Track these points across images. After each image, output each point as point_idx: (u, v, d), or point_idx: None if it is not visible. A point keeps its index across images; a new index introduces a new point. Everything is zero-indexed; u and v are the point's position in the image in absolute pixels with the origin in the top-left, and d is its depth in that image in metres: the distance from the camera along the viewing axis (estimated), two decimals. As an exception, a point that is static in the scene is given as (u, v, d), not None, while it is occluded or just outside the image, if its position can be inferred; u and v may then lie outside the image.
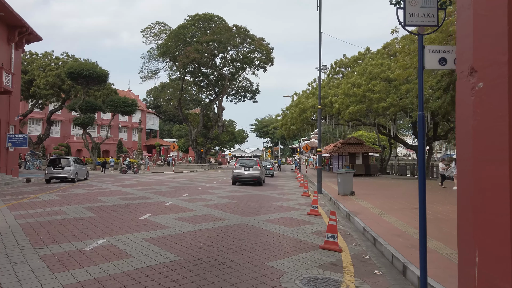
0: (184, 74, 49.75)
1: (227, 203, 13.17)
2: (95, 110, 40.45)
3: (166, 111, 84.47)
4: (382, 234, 7.53)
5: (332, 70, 33.08)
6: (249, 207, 12.17)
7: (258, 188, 19.67)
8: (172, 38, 45.00)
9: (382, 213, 10.32)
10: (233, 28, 44.42)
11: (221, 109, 50.55)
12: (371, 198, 14.19)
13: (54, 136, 60.32)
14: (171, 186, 19.65)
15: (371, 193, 16.22)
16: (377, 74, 25.64)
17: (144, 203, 12.58)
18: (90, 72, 36.71)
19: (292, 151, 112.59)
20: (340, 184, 15.42)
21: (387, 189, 19.29)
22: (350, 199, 13.81)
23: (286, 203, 13.61)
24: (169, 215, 10.24)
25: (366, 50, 30.42)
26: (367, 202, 13.00)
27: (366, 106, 25.69)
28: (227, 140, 52.89)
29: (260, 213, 11.04)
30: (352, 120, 28.43)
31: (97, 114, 63.01)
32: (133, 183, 21.57)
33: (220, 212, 10.97)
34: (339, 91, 27.37)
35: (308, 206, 12.71)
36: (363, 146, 34.25)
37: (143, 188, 18.53)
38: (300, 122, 29.90)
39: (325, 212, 11.50)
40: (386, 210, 11.01)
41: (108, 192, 16.09)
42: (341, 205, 12.12)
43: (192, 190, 17.63)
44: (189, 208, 11.68)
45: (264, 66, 49.02)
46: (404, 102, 24.24)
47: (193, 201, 13.37)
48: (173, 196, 14.83)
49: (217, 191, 17.67)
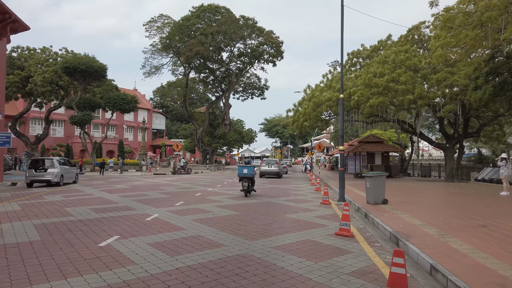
0: (189, 70, 47.06)
1: (228, 216, 10.27)
2: (94, 108, 37.95)
3: (173, 110, 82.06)
4: (473, 283, 4.55)
5: (349, 62, 29.99)
6: (256, 223, 9.26)
7: (268, 193, 16.74)
8: (176, 31, 42.30)
9: (443, 236, 7.32)
10: (240, 20, 41.53)
11: (228, 107, 47.73)
12: (411, 208, 11.16)
13: (57, 136, 58.27)
14: (166, 192, 16.83)
15: (406, 201, 13.18)
16: (401, 62, 22.51)
17: (121, 217, 9.76)
18: (87, 66, 34.20)
19: (302, 151, 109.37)
20: (369, 190, 12.42)
21: (421, 194, 16.20)
22: (385, 210, 10.81)
23: (303, 215, 10.66)
24: (145, 237, 7.39)
25: (388, 38, 27.27)
26: (409, 215, 9.99)
27: (390, 98, 22.58)
28: (234, 140, 49.99)
29: (270, 232, 8.13)
30: (372, 115, 25.30)
31: (102, 114, 61.14)
32: (124, 188, 18.84)
33: (216, 231, 8.08)
34: (359, 81, 24.29)
35: (332, 220, 9.78)
36: (383, 145, 31.08)
37: (132, 194, 15.76)
38: (314, 118, 26.89)
39: (358, 231, 8.53)
40: (445, 229, 8.00)
41: (85, 201, 13.33)
42: (378, 220, 9.13)
43: (188, 197, 14.79)
44: (176, 225, 8.81)
45: (274, 60, 46.08)
46: (434, 94, 21.06)
47: (185, 213, 10.51)
48: (163, 206, 12.00)
49: (219, 197, 14.80)
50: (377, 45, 27.12)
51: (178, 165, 36.32)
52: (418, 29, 25.75)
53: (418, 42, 26.60)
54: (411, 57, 22.42)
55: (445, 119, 26.49)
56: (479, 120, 27.11)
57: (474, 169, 26.80)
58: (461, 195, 15.50)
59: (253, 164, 17.35)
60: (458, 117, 24.81)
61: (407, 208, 11.32)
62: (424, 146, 77.10)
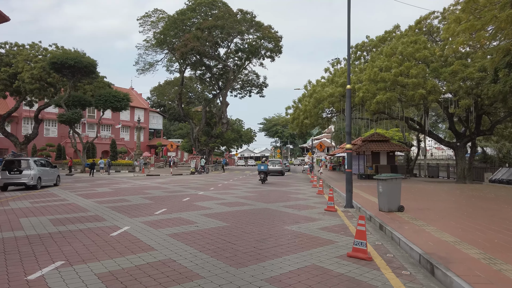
0: (184, 67, 45.24)
1: (214, 228, 8.48)
2: (84, 106, 36.09)
3: (171, 109, 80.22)
4: None
5: (353, 55, 28.17)
6: (247, 238, 7.47)
7: (266, 198, 14.95)
8: (170, 26, 40.47)
9: (492, 261, 5.52)
10: (238, 13, 39.70)
11: (225, 105, 45.91)
12: (434, 218, 9.37)
13: (50, 136, 56.53)
14: (150, 196, 15.03)
15: (424, 207, 11.38)
16: (410, 54, 20.70)
17: (82, 231, 7.97)
18: (75, 61, 32.43)
19: (302, 151, 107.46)
20: (382, 195, 10.62)
21: (437, 198, 14.39)
22: (404, 220, 9.02)
23: (306, 226, 8.87)
24: (97, 263, 5.60)
25: (395, 28, 25.45)
26: (434, 227, 8.19)
27: (398, 93, 20.78)
28: (232, 139, 48.16)
29: (264, 254, 6.33)
30: (378, 112, 23.49)
31: (97, 113, 59.23)
32: (106, 192, 17.05)
33: (194, 253, 6.29)
34: (363, 77, 22.49)
35: (340, 234, 8.03)
36: (388, 144, 29.29)
37: (111, 199, 13.97)
38: (315, 115, 25.08)
39: (375, 250, 6.74)
40: (489, 248, 6.20)
41: (52, 208, 11.53)
42: (398, 235, 7.33)
43: (174, 202, 12.99)
44: (145, 243, 7.01)
45: (272, 56, 44.30)
46: (449, 88, 19.26)
47: (163, 225, 8.72)
48: (140, 215, 10.20)
49: (209, 203, 13.01)
50: (384, 35, 25.30)
51: (199, 165, 38.39)
52: (427, 20, 23.94)
53: (427, 34, 24.79)
54: (421, 49, 20.61)
55: (455, 116, 24.71)
56: (489, 117, 25.34)
57: (487, 169, 24.99)
58: (483, 199, 13.71)
59: (267, 163, 25.80)
60: (470, 113, 23.02)
61: (429, 217, 9.53)
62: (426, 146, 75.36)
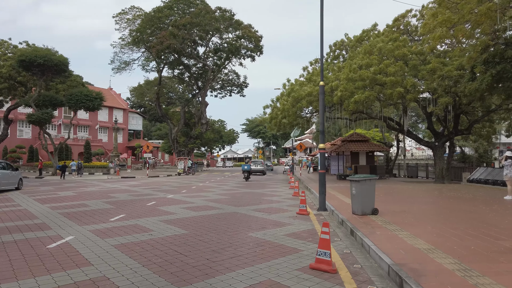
0: (162, 65, 44.09)
1: (170, 237, 7.68)
2: (55, 105, 34.58)
3: (151, 110, 78.67)
4: None
5: (331, 54, 27.75)
6: (203, 248, 6.70)
7: (237, 202, 14.20)
8: (147, 24, 39.30)
9: (467, 272, 4.91)
10: (216, 11, 38.84)
11: (205, 105, 44.96)
12: (409, 221, 8.80)
13: (24, 137, 54.38)
14: (114, 200, 14.08)
15: (400, 210, 10.83)
16: (389, 51, 20.32)
17: (16, 243, 7.05)
18: (45, 59, 31.00)
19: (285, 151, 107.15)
20: (355, 197, 10.00)
21: (415, 200, 13.92)
22: (377, 225, 8.41)
23: (272, 233, 8.16)
24: (12, 285, 4.74)
25: (373, 27, 25.10)
26: (408, 232, 7.60)
27: (377, 92, 20.34)
28: (212, 139, 47.22)
29: (216, 268, 5.58)
30: (356, 111, 23.04)
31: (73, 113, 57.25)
32: (67, 196, 15.98)
33: (137, 267, 5.49)
34: (341, 76, 22.00)
35: (308, 240, 7.33)
36: (368, 144, 28.93)
37: (69, 204, 12.97)
38: (293, 115, 24.47)
39: (342, 260, 6.07)
40: (465, 257, 5.61)
41: (0, 214, 10.51)
42: (369, 242, 6.69)
43: (136, 207, 12.10)
44: (84, 256, 6.16)
45: (253, 55, 43.60)
46: (428, 86, 18.91)
47: (114, 234, 7.86)
48: (92, 222, 9.30)
49: (175, 207, 12.17)
50: (362, 34, 24.90)
51: (186, 166, 39.49)
52: (405, 18, 23.66)
53: (405, 33, 24.52)
54: (401, 46, 20.25)
55: (433, 115, 24.52)
56: (468, 117, 25.26)
57: (465, 169, 24.88)
58: (461, 200, 13.30)
59: (250, 163, 30.27)
60: (448, 113, 22.81)
61: (404, 220, 8.95)
62: (407, 146, 76.01)
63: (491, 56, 16.52)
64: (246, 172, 27.82)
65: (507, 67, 16.45)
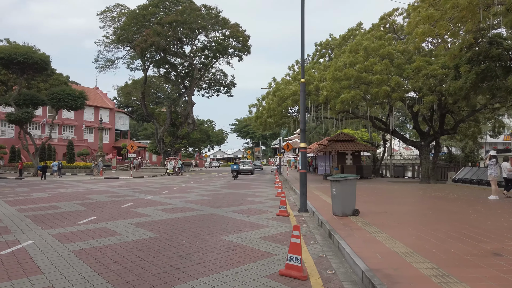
0: (147, 64, 43.37)
1: (137, 241, 7.22)
2: (36, 105, 33.67)
3: (138, 110, 77.57)
4: None
5: (317, 53, 27.48)
6: (169, 254, 6.27)
7: (218, 203, 13.77)
8: (132, 21, 38.58)
9: (445, 279, 4.58)
10: (202, 9, 38.31)
11: (191, 104, 44.38)
12: (390, 223, 8.49)
13: (6, 137, 53.15)
14: (88, 202, 13.53)
15: (382, 210, 10.54)
16: (374, 50, 20.10)
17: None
18: (25, 57, 30.15)
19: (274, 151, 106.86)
20: (336, 198, 9.67)
21: (398, 200, 13.67)
22: (356, 226, 8.08)
23: (247, 236, 7.77)
24: None
25: (358, 26, 24.89)
26: (388, 234, 7.28)
27: (363, 91, 20.10)
28: (199, 139, 46.65)
29: (179, 275, 5.16)
30: (343, 111, 22.79)
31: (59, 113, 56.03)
32: (41, 197, 15.35)
33: (91, 276, 5.04)
34: (327, 75, 21.72)
35: (283, 244, 6.98)
36: (354, 144, 28.75)
37: (40, 206, 12.39)
38: (278, 114, 24.11)
39: (316, 265, 5.70)
40: (444, 261, 5.29)
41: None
42: (345, 246, 6.34)
43: (109, 209, 11.59)
44: (36, 264, 5.67)
45: (240, 55, 43.19)
46: (413, 84, 18.73)
47: (77, 238, 7.37)
48: (59, 225, 8.80)
49: (151, 209, 11.70)
50: (347, 33, 24.68)
51: (177, 166, 39.36)
52: (391, 17, 23.51)
53: (391, 32, 24.37)
54: (386, 45, 20.04)
55: (419, 115, 24.42)
56: (453, 116, 25.21)
57: (451, 168, 24.83)
58: (445, 200, 13.08)
59: (238, 163, 33.79)
60: (434, 112, 22.72)
61: (385, 222, 8.64)
62: (395, 146, 76.37)
63: (476, 55, 16.41)
64: (234, 171, 29.60)
65: (491, 66, 16.38)
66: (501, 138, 55.47)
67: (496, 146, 60.10)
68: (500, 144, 62.26)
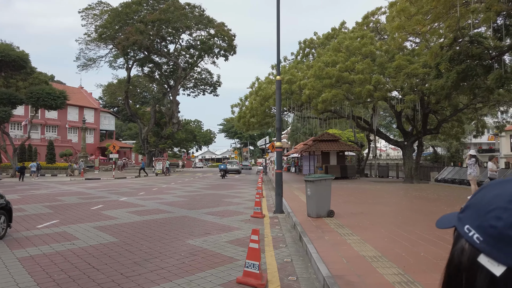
0: (131, 63, 42.62)
1: (94, 246, 6.77)
2: (14, 104, 32.71)
3: (124, 110, 76.48)
4: None
5: (301, 52, 27.24)
6: (124, 259, 5.85)
7: (194, 204, 13.35)
8: (114, 19, 37.84)
9: (408, 286, 4.27)
10: (185, 7, 37.78)
11: (176, 104, 43.79)
12: (364, 224, 8.20)
13: (-14, 138, 51.69)
14: (57, 204, 12.96)
15: (359, 211, 10.26)
16: (356, 49, 19.91)
17: None
18: (2, 54, 29.23)
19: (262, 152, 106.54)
20: (310, 198, 9.36)
21: (378, 200, 13.43)
22: (328, 228, 7.77)
23: (213, 239, 7.39)
24: None
25: (341, 25, 24.72)
26: (359, 236, 6.98)
27: (345, 90, 19.88)
28: (184, 139, 46.05)
29: (127, 283, 4.75)
30: (326, 110, 22.56)
31: (41, 112, 54.78)
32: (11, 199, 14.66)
33: (30, 287, 4.59)
34: (309, 73, 21.47)
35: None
36: (338, 143, 28.59)
37: None
38: (261, 114, 23.79)
39: (278, 271, 5.35)
40: (411, 265, 4.99)
41: None
42: (312, 251, 5.99)
43: (76, 212, 11.07)
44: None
45: (226, 54, 42.75)
46: (394, 83, 18.58)
47: (28, 244, 6.89)
48: (17, 229, 8.28)
49: (120, 211, 11.22)
50: (330, 32, 24.49)
51: (165, 167, 39.67)
52: (374, 16, 23.38)
53: (375, 31, 24.25)
54: (368, 44, 19.86)
55: (403, 115, 24.34)
56: (437, 116, 25.21)
57: (433, 168, 24.81)
58: (425, 201, 12.89)
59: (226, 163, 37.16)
60: (417, 112, 22.64)
61: (359, 223, 8.35)
62: (382, 146, 76.76)
63: (457, 54, 16.32)
64: (222, 171, 31.46)
65: (472, 65, 16.30)
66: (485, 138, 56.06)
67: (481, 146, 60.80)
68: (485, 144, 62.98)
